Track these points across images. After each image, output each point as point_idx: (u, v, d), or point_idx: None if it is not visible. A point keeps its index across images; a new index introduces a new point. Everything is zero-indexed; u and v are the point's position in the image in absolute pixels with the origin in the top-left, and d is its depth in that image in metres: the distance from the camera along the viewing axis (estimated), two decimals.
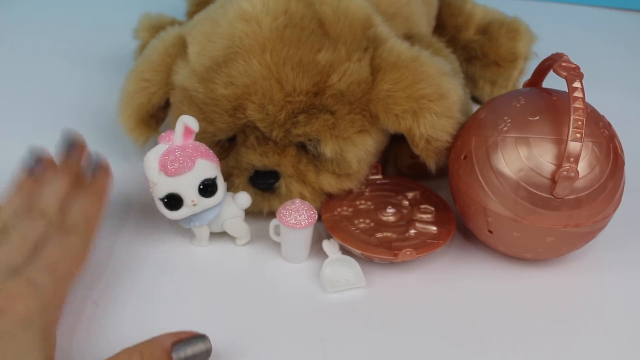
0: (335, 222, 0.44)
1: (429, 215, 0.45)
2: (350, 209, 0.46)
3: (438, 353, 0.38)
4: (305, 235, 0.42)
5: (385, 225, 0.44)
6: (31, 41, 0.75)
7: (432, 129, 0.42)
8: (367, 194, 0.47)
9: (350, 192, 0.47)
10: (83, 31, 0.78)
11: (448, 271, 0.44)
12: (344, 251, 0.43)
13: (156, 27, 0.60)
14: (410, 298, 0.41)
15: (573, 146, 0.36)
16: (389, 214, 0.45)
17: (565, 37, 0.78)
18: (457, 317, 0.40)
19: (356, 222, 0.44)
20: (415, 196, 0.47)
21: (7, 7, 0.83)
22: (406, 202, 0.46)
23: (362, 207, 0.46)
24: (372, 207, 0.46)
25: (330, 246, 0.43)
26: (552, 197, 0.38)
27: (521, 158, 0.39)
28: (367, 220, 0.44)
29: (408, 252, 0.41)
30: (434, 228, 0.44)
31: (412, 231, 0.43)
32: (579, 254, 0.45)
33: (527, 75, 0.54)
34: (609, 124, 0.42)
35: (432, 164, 0.45)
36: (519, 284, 0.43)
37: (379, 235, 0.43)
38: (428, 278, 0.43)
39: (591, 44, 0.80)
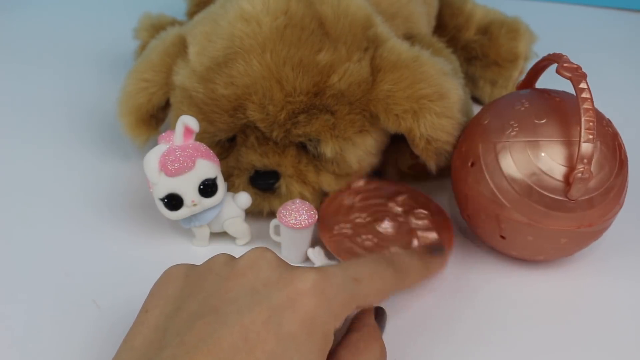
0: (338, 243, 0.43)
1: (425, 221, 0.45)
2: (349, 225, 0.44)
3: (438, 354, 0.37)
4: (305, 235, 0.42)
5: (388, 240, 0.43)
6: (31, 41, 0.75)
7: (432, 129, 0.42)
8: (358, 204, 0.46)
9: (340, 205, 0.46)
10: (83, 31, 0.78)
11: (449, 271, 0.44)
12: (330, 257, 0.43)
13: (156, 27, 0.60)
14: (410, 298, 0.41)
15: (586, 147, 0.36)
16: (387, 226, 0.44)
17: (565, 37, 0.78)
18: (457, 318, 0.40)
19: (359, 240, 0.43)
20: (405, 200, 0.47)
21: (8, 6, 0.83)
22: (399, 209, 0.46)
23: (358, 220, 0.45)
24: (367, 219, 0.45)
25: (315, 254, 0.43)
26: (566, 199, 0.38)
27: (532, 162, 0.38)
28: (370, 236, 0.43)
29: None
30: (434, 234, 0.44)
31: (415, 242, 0.43)
32: (583, 252, 0.45)
33: None
34: (610, 122, 0.41)
35: (432, 165, 0.45)
36: (522, 284, 0.43)
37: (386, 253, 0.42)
38: (428, 278, 0.43)
39: (591, 44, 0.80)
